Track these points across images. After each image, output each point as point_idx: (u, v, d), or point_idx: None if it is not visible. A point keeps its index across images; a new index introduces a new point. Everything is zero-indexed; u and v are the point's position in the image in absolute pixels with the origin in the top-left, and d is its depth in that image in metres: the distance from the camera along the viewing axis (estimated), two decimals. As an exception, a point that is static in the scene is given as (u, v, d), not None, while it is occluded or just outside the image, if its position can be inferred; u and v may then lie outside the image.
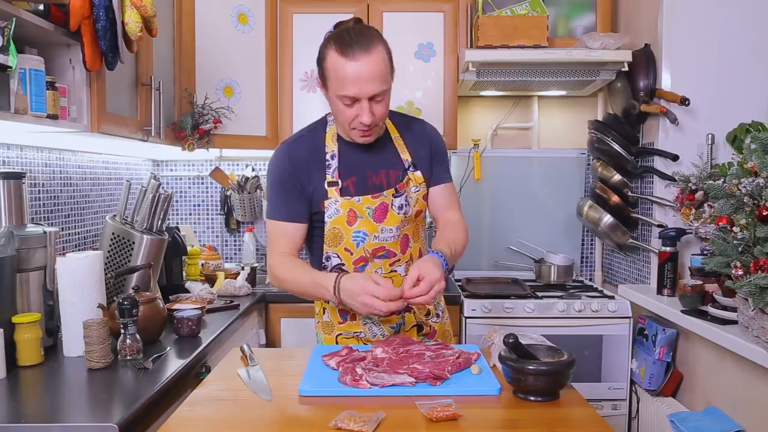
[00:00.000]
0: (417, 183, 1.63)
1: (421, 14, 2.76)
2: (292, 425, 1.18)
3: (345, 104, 1.49)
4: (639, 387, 2.42)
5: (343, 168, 1.59)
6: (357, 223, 1.57)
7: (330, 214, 1.57)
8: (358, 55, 1.44)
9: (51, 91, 1.58)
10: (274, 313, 2.57)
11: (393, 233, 1.60)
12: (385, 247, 1.60)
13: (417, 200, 1.64)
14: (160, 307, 1.83)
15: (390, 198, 1.59)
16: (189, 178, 3.19)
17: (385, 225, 1.59)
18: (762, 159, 1.62)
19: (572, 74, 2.64)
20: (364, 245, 1.59)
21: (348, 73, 1.44)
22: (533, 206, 3.07)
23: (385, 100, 1.50)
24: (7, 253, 1.54)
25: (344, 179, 1.59)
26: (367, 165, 1.60)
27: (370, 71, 1.44)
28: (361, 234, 1.58)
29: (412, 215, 1.64)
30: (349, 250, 1.60)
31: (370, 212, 1.58)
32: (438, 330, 1.75)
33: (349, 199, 1.57)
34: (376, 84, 1.45)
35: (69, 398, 1.38)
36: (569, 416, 1.22)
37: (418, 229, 1.72)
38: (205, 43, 2.62)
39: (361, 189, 1.59)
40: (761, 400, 1.75)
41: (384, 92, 1.48)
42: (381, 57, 1.46)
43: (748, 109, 2.24)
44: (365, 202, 1.57)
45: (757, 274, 1.55)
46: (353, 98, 1.47)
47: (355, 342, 1.67)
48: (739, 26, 2.32)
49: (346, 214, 1.57)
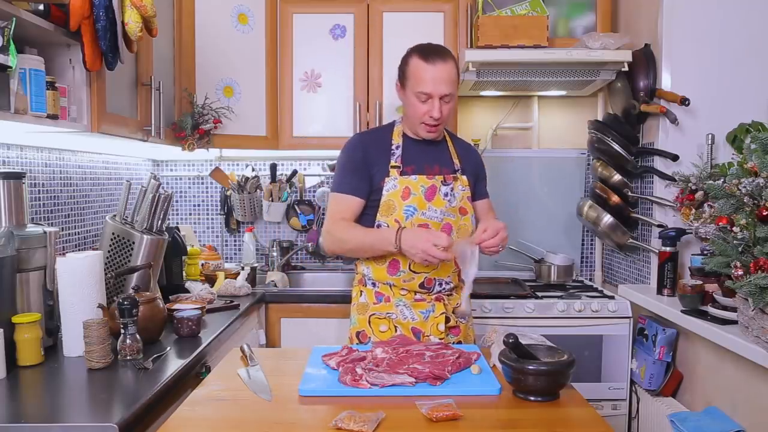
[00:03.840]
0: (463, 184, 1.92)
1: (421, 14, 2.77)
2: (292, 425, 1.18)
3: (421, 100, 1.81)
4: (639, 387, 2.42)
5: (405, 157, 1.88)
6: (410, 198, 1.83)
7: (388, 188, 1.84)
8: (436, 61, 1.79)
9: (51, 91, 1.58)
10: (274, 313, 2.57)
11: (437, 214, 1.84)
12: (428, 225, 1.83)
13: (462, 198, 1.91)
14: (160, 307, 1.83)
15: (439, 183, 1.86)
16: (189, 178, 3.19)
17: (432, 204, 1.84)
18: (762, 159, 1.62)
19: (572, 74, 2.64)
20: (412, 219, 1.82)
21: (427, 73, 1.78)
22: (533, 206, 3.07)
23: (451, 103, 1.83)
24: (7, 253, 1.54)
25: (405, 165, 1.87)
26: (425, 158, 1.89)
27: (444, 75, 1.78)
28: (412, 208, 1.83)
29: (456, 207, 1.89)
30: (398, 221, 1.83)
31: (423, 190, 1.84)
32: (462, 330, 1.91)
33: (407, 177, 1.85)
34: (447, 86, 1.79)
35: (69, 398, 1.38)
36: (569, 416, 1.22)
37: (467, 229, 1.91)
38: (205, 43, 2.62)
39: (421, 174, 1.86)
40: (761, 400, 1.75)
41: (452, 95, 1.81)
42: (453, 67, 1.82)
43: (748, 109, 2.24)
44: (420, 181, 1.85)
45: (757, 274, 1.55)
46: (428, 95, 1.79)
47: (386, 323, 1.85)
48: (739, 26, 2.32)
49: (401, 190, 1.83)
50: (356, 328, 1.90)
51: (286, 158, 3.14)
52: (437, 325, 1.82)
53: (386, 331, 1.84)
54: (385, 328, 1.84)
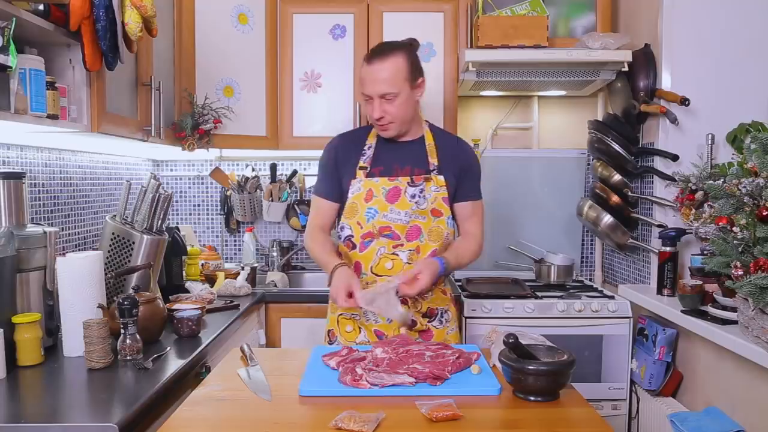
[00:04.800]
0: (438, 185, 1.84)
1: (421, 14, 2.76)
2: (292, 425, 1.18)
3: (366, 101, 1.80)
4: (639, 387, 2.42)
5: (375, 157, 1.86)
6: (372, 200, 1.82)
7: (353, 191, 1.84)
8: (374, 61, 1.76)
9: (51, 91, 1.58)
10: (274, 313, 2.57)
11: (402, 217, 1.81)
12: (391, 227, 1.81)
13: (435, 199, 1.83)
14: (160, 307, 1.83)
15: (404, 185, 1.82)
16: (189, 178, 3.19)
17: (395, 207, 1.81)
18: (762, 159, 1.62)
19: (572, 74, 2.64)
20: (374, 221, 1.81)
21: (366, 74, 1.77)
22: (533, 206, 3.07)
23: (397, 101, 1.76)
24: (7, 253, 1.54)
25: (373, 166, 1.85)
26: (396, 159, 1.85)
27: (380, 74, 1.74)
28: (373, 211, 1.81)
29: (426, 210, 1.82)
30: (360, 224, 1.83)
31: (384, 192, 1.81)
32: (435, 334, 1.86)
33: (371, 179, 1.83)
34: (385, 85, 1.74)
35: (69, 398, 1.38)
36: (569, 416, 1.22)
37: (440, 232, 1.85)
38: (205, 43, 2.62)
39: (385, 176, 1.84)
40: (761, 400, 1.75)
41: (394, 94, 1.75)
42: (394, 64, 1.75)
43: (748, 109, 2.24)
44: (382, 183, 1.82)
45: (757, 274, 1.54)
46: (368, 96, 1.78)
47: (351, 323, 1.86)
48: (739, 26, 2.32)
49: (365, 192, 1.82)
50: (328, 327, 1.92)
51: (286, 158, 3.14)
52: (398, 328, 1.79)
53: (351, 332, 1.86)
54: (350, 328, 1.86)
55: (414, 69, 1.80)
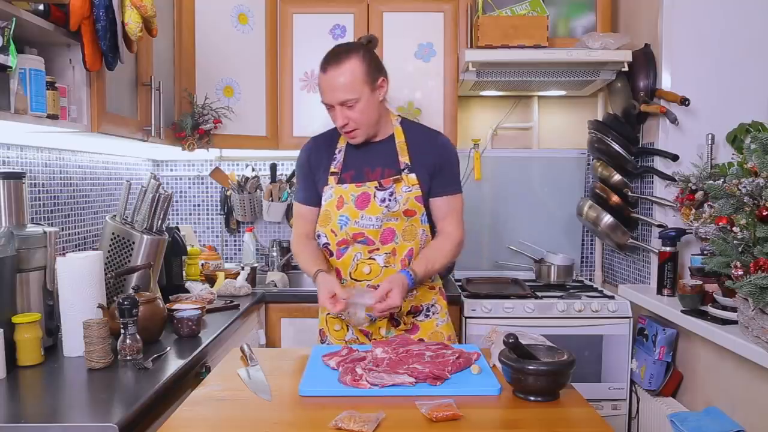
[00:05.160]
0: (409, 184, 1.77)
1: (421, 14, 2.76)
2: (292, 425, 1.18)
3: (328, 109, 1.74)
4: (639, 387, 2.42)
5: (345, 162, 1.81)
6: (343, 208, 1.77)
7: (326, 197, 1.80)
8: (328, 69, 1.69)
9: (51, 91, 1.58)
10: (274, 313, 2.57)
11: (373, 222, 1.75)
12: (364, 233, 1.76)
13: (407, 199, 1.76)
14: (160, 307, 1.83)
15: (372, 189, 1.76)
16: (189, 178, 3.19)
17: (366, 213, 1.75)
18: (762, 159, 1.62)
19: (572, 74, 2.64)
20: (347, 228, 1.76)
21: (322, 82, 1.72)
22: (533, 206, 3.07)
23: (358, 107, 1.70)
24: (7, 253, 1.54)
25: (344, 171, 1.80)
26: (366, 162, 1.79)
27: (336, 81, 1.68)
28: (344, 218, 1.76)
29: (399, 212, 1.76)
30: (334, 232, 1.79)
31: (353, 199, 1.76)
32: (422, 328, 1.84)
33: (341, 186, 1.78)
34: (344, 92, 1.68)
35: (69, 398, 1.38)
36: (569, 416, 1.22)
37: (414, 230, 1.79)
38: (205, 43, 2.62)
39: (356, 181, 1.78)
40: (761, 400, 1.75)
41: (354, 100, 1.69)
42: (350, 69, 1.68)
43: (748, 109, 2.24)
44: (350, 189, 1.77)
45: (757, 274, 1.54)
46: (328, 105, 1.72)
47: (338, 322, 1.84)
48: (739, 26, 2.32)
49: (336, 199, 1.78)
50: (319, 326, 1.92)
51: (286, 158, 3.14)
52: (379, 329, 1.79)
53: (339, 331, 1.85)
54: (338, 327, 1.85)
55: (372, 70, 1.71)
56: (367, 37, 1.80)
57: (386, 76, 1.77)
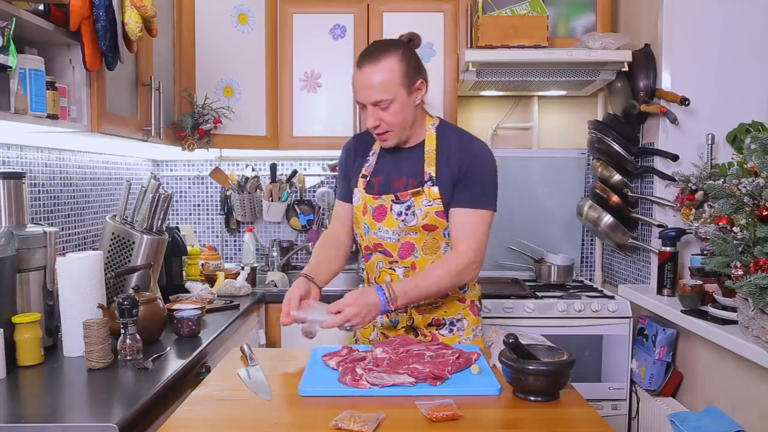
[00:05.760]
0: (431, 198, 1.63)
1: (421, 14, 2.77)
2: (292, 425, 1.18)
3: (361, 109, 1.66)
4: (639, 387, 2.42)
5: (377, 165, 1.74)
6: (366, 215, 1.72)
7: (355, 200, 1.75)
8: (364, 65, 1.60)
9: (51, 91, 1.58)
10: (274, 313, 2.57)
11: (390, 235, 1.69)
12: (382, 245, 1.71)
13: (427, 214, 1.63)
14: (160, 307, 1.83)
15: (389, 203, 1.67)
16: (189, 178, 3.19)
17: (383, 225, 1.69)
18: (762, 159, 1.62)
19: (572, 74, 2.64)
20: (368, 236, 1.73)
21: (356, 80, 1.63)
22: (533, 206, 3.07)
23: (392, 108, 1.60)
24: (7, 253, 1.54)
25: (374, 176, 1.73)
26: (394, 168, 1.71)
27: (371, 79, 1.58)
28: (365, 226, 1.73)
29: (417, 226, 1.64)
30: (361, 236, 1.76)
31: (371, 210, 1.70)
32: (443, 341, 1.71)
33: (363, 192, 1.72)
34: (378, 92, 1.58)
35: (69, 398, 1.38)
36: (569, 416, 1.22)
37: (436, 244, 1.68)
38: (205, 43, 2.62)
39: (383, 188, 1.71)
40: (761, 400, 1.75)
41: (389, 101, 1.59)
42: (387, 68, 1.58)
43: (748, 109, 2.24)
44: (369, 201, 1.71)
45: (757, 274, 1.54)
46: (361, 104, 1.64)
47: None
48: (739, 26, 2.32)
49: (362, 205, 1.73)
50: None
51: (286, 158, 3.14)
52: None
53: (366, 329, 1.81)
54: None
55: (411, 71, 1.61)
56: (408, 35, 1.70)
57: (426, 79, 1.67)
